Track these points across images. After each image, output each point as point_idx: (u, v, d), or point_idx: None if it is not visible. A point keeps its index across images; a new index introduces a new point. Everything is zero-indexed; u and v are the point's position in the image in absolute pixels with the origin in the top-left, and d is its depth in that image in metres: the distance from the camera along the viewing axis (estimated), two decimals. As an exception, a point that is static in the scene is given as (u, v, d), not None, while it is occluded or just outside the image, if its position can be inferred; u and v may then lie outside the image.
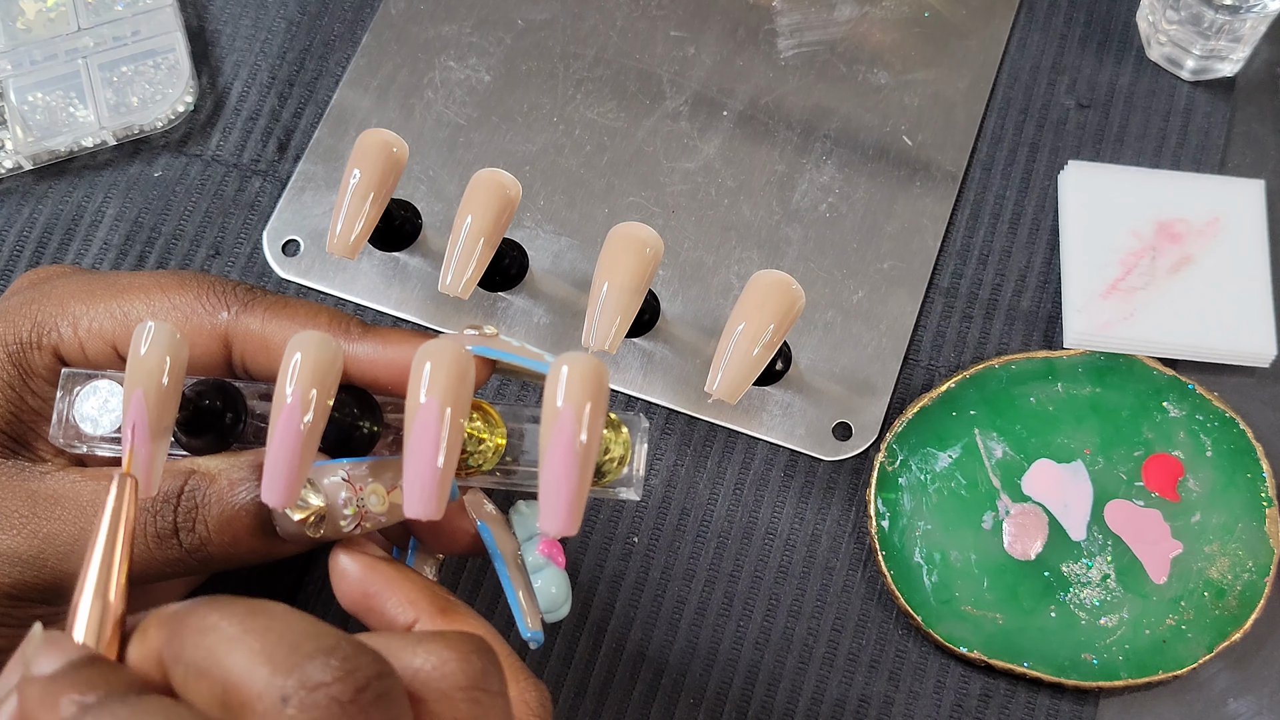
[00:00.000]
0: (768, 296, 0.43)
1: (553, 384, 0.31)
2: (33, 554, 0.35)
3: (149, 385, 0.32)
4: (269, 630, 0.27)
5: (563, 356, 0.31)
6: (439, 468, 0.31)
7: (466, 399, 0.32)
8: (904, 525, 0.46)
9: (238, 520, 0.35)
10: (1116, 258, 0.49)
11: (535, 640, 0.36)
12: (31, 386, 0.37)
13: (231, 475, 0.35)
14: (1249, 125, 0.52)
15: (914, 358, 0.49)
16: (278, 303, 0.37)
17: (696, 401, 0.48)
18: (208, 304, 0.37)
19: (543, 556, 0.36)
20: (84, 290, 0.37)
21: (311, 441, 0.32)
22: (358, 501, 0.34)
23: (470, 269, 0.45)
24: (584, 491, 0.31)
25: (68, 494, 0.36)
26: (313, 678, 0.26)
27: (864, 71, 0.53)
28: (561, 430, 0.30)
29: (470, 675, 0.29)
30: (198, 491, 0.35)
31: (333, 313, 0.37)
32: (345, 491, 0.34)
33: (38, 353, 0.37)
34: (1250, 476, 0.46)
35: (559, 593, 0.36)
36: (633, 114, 0.53)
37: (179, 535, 0.35)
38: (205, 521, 0.35)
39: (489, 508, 0.37)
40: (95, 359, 0.37)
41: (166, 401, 0.32)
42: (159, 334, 0.32)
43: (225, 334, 0.37)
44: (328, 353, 0.32)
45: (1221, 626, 0.44)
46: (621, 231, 0.44)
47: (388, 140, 0.46)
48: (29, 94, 0.52)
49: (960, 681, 0.45)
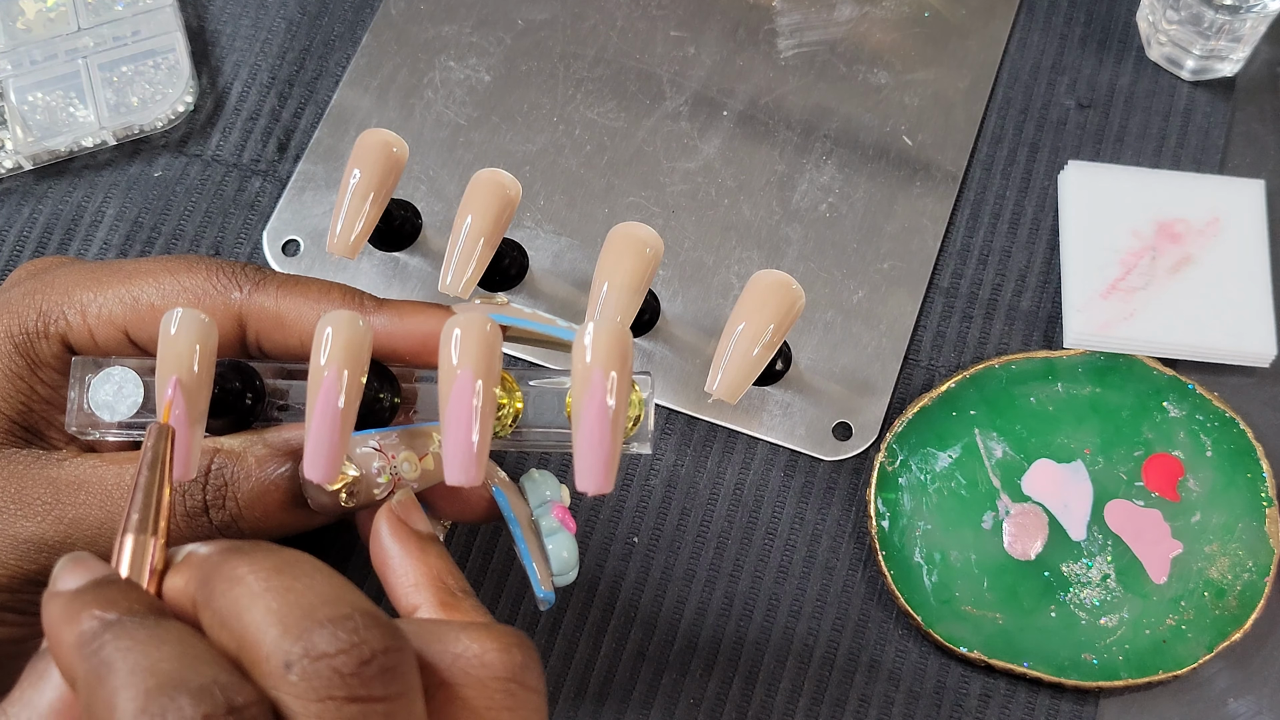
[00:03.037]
0: (768, 296, 0.43)
1: (581, 349, 0.32)
2: (59, 539, 0.35)
3: (183, 371, 0.33)
4: (289, 591, 0.28)
5: (590, 323, 0.32)
6: (476, 437, 0.33)
7: (497, 369, 0.33)
8: (904, 525, 0.46)
9: (269, 495, 0.35)
10: (1116, 258, 0.49)
11: (548, 600, 0.37)
12: (40, 376, 0.37)
13: (257, 452, 0.36)
14: (1249, 125, 0.52)
15: (914, 358, 0.49)
16: (289, 281, 0.38)
17: (696, 401, 0.48)
18: (218, 284, 0.37)
19: (557, 520, 0.37)
20: (90, 278, 0.38)
21: (349, 417, 0.33)
22: (391, 469, 0.35)
23: (470, 269, 0.45)
24: (617, 451, 0.32)
25: (90, 479, 0.36)
26: (318, 646, 0.27)
27: (864, 71, 0.53)
28: (592, 395, 0.32)
29: (509, 667, 0.30)
30: (226, 469, 0.35)
31: (345, 289, 0.38)
32: (379, 461, 0.35)
33: (45, 342, 0.37)
34: (1250, 476, 0.46)
35: (570, 557, 0.37)
36: (633, 114, 0.53)
37: (209, 513, 0.35)
38: (236, 498, 0.35)
39: (501, 474, 0.38)
40: (106, 345, 0.37)
41: (201, 386, 0.33)
42: (188, 320, 0.33)
43: (239, 313, 0.37)
44: (359, 330, 0.33)
45: (1221, 626, 0.44)
46: (621, 231, 0.44)
47: (388, 140, 0.46)
48: (29, 94, 0.52)
49: (960, 681, 0.45)
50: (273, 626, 0.27)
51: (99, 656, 0.27)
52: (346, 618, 0.27)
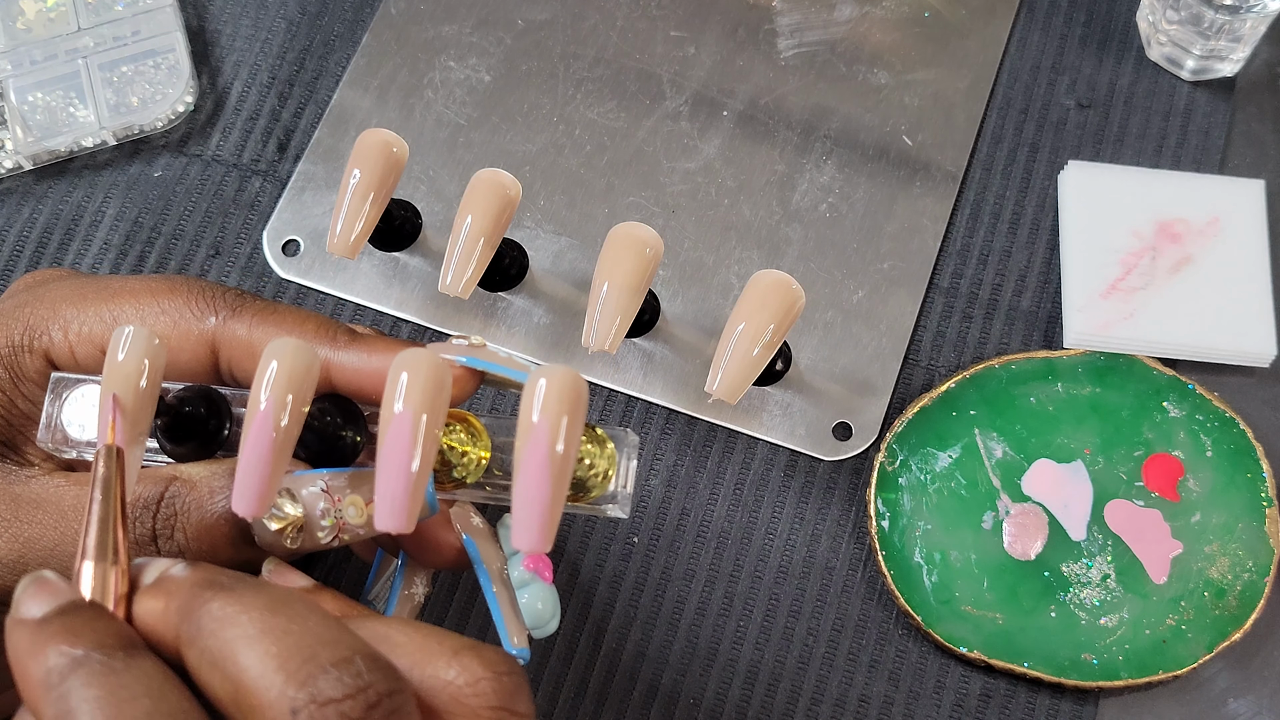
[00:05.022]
0: (768, 296, 0.43)
1: (528, 396, 0.30)
2: (13, 558, 0.35)
3: (124, 389, 0.32)
4: (287, 634, 0.27)
5: (540, 369, 0.30)
6: (410, 478, 0.31)
7: (442, 409, 0.31)
8: (904, 525, 0.46)
9: (216, 529, 0.34)
10: (1116, 258, 0.49)
11: (521, 657, 0.35)
12: (22, 390, 0.37)
13: (212, 483, 0.34)
14: (1249, 125, 0.52)
15: (914, 358, 0.49)
16: (265, 309, 0.37)
17: (696, 401, 0.48)
18: (196, 309, 0.37)
19: (528, 572, 0.36)
20: (76, 294, 0.37)
21: (284, 450, 0.31)
22: (335, 513, 0.33)
23: (470, 269, 0.45)
24: (557, 507, 0.30)
25: (50, 498, 0.35)
26: (324, 692, 0.26)
27: (864, 71, 0.53)
28: (535, 443, 0.30)
29: (501, 695, 0.29)
30: (177, 499, 0.34)
31: (320, 320, 0.37)
32: (323, 502, 0.33)
33: (29, 356, 0.37)
34: (1250, 476, 0.46)
35: (545, 608, 0.36)
36: (633, 114, 0.53)
37: (157, 543, 0.34)
38: (184, 529, 0.34)
39: (476, 521, 0.37)
40: (85, 363, 0.37)
41: (142, 407, 0.32)
42: (136, 339, 0.32)
43: (212, 339, 0.37)
44: (303, 360, 0.32)
45: (1221, 626, 0.44)
46: (621, 231, 0.44)
47: (388, 140, 0.46)
48: (29, 94, 0.52)
49: (960, 681, 0.45)
50: (275, 673, 0.26)
51: (66, 703, 0.26)
52: (348, 661, 0.27)
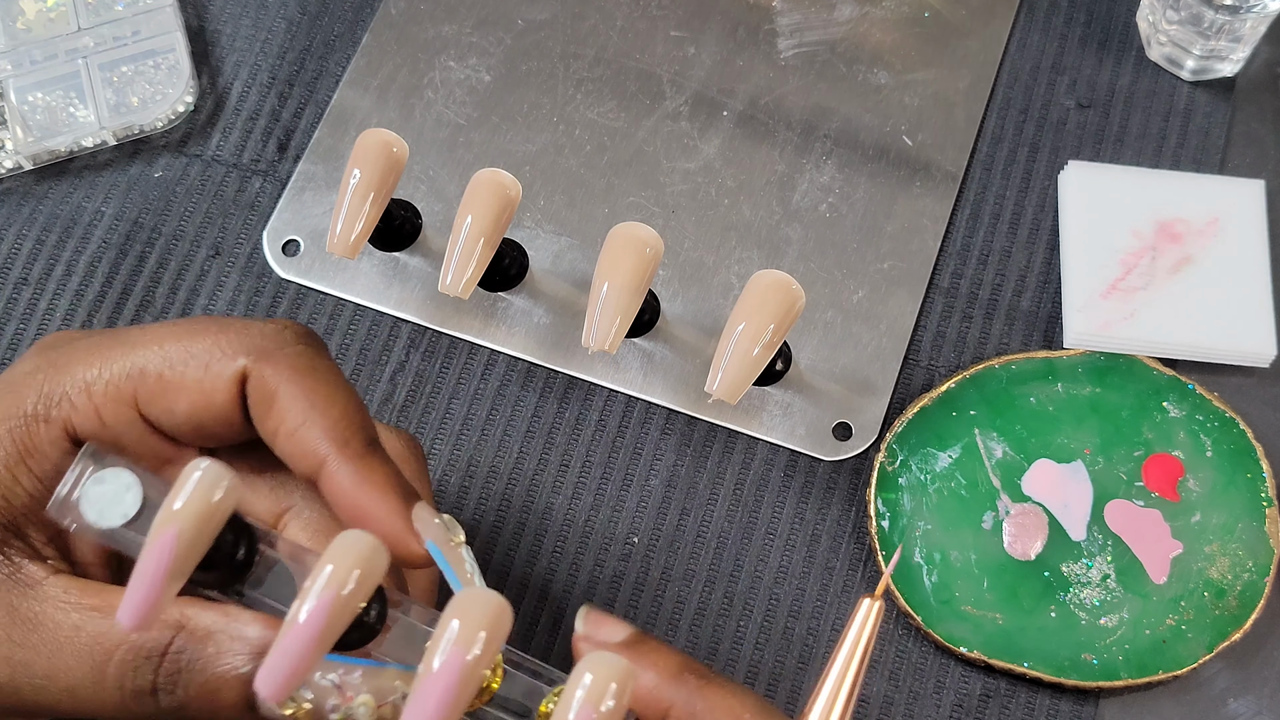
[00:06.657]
0: (768, 296, 0.43)
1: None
2: (1, 680, 0.32)
3: (186, 528, 0.29)
4: None
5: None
6: None
7: (496, 656, 0.31)
8: (904, 525, 0.46)
9: (221, 692, 0.32)
10: (1116, 258, 0.49)
11: None
12: (29, 465, 0.34)
13: (221, 642, 0.32)
14: (1249, 125, 0.52)
15: (914, 358, 0.49)
16: (300, 364, 0.34)
17: (696, 401, 0.48)
18: (226, 349, 0.34)
19: None
20: (93, 353, 0.34)
21: (324, 645, 0.30)
22: (346, 710, 0.32)
23: (470, 269, 0.45)
24: None
25: (48, 619, 0.32)
26: None
27: (864, 71, 0.53)
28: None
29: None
30: (184, 654, 0.32)
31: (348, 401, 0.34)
32: (334, 698, 0.32)
33: (44, 426, 0.34)
34: (1250, 476, 0.46)
35: None
36: (633, 114, 0.53)
37: (157, 694, 0.32)
38: (186, 687, 0.32)
39: None
40: (115, 425, 0.34)
41: (200, 546, 0.30)
42: (210, 475, 0.30)
43: (241, 377, 0.34)
44: (376, 564, 0.30)
45: (1221, 626, 0.44)
46: (621, 231, 0.44)
47: (388, 140, 0.46)
48: (29, 94, 0.52)
49: (960, 681, 0.45)
50: None
51: None
52: None
